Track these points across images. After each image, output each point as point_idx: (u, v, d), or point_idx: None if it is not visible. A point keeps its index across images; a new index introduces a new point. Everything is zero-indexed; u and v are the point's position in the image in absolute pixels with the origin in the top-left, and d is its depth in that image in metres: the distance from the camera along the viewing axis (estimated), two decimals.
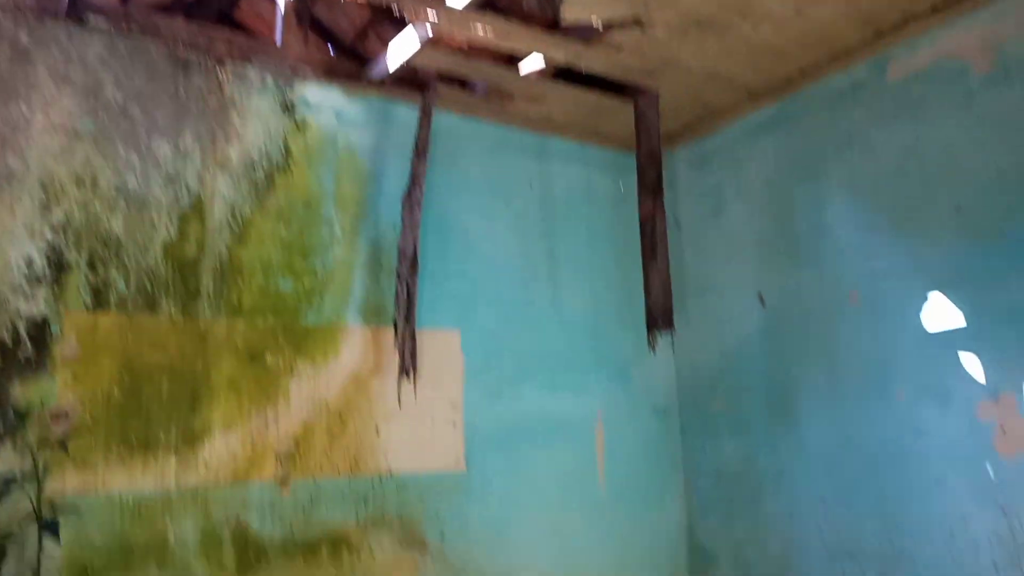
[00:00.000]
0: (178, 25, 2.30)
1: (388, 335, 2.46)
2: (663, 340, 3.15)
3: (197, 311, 2.16)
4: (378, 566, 2.33)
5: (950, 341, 2.36)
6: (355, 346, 2.40)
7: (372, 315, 2.46)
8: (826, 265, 2.75)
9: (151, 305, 2.10)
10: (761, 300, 2.95)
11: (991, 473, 2.22)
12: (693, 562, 3.12)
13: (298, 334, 2.30)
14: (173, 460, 2.04)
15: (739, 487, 2.97)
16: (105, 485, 1.95)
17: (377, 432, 2.40)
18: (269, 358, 2.24)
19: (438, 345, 2.59)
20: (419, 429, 2.49)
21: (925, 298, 2.43)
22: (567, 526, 2.81)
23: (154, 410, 2.04)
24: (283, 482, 2.20)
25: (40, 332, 1.95)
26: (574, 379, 2.95)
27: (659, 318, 2.61)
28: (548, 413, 2.85)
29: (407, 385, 2.43)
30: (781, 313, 2.90)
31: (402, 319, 2.35)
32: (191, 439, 2.08)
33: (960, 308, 2.34)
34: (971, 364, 2.30)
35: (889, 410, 2.50)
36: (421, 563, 2.42)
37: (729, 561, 2.99)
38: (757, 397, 2.94)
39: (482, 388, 2.68)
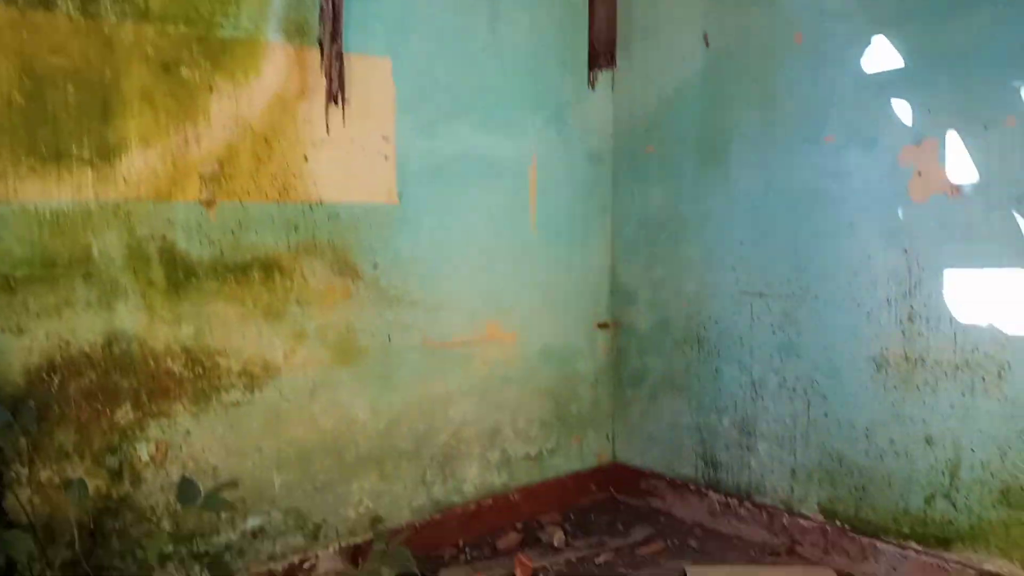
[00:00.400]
0: None
1: (313, 56, 2.36)
2: (603, 81, 3.15)
3: (99, 12, 1.99)
4: (311, 290, 2.44)
5: (886, 85, 2.44)
6: (278, 65, 2.30)
7: (295, 32, 2.33)
8: (775, 4, 2.72)
9: (45, 1, 1.92)
10: (705, 40, 2.93)
11: (901, 216, 2.42)
12: (613, 301, 3.40)
13: (214, 47, 2.18)
14: (89, 173, 1.99)
15: (662, 231, 3.17)
16: (18, 195, 1.91)
17: (305, 159, 2.38)
18: (184, 71, 2.12)
19: (367, 72, 2.51)
20: (349, 160, 2.49)
21: (869, 41, 2.47)
22: (498, 263, 2.97)
23: (62, 119, 1.95)
24: (209, 204, 2.21)
25: None
26: (510, 119, 2.95)
27: (601, 53, 2.58)
28: (482, 152, 2.87)
29: (335, 112, 2.39)
30: (724, 54, 2.91)
31: (328, 38, 2.24)
32: (106, 153, 2.02)
33: (900, 51, 2.40)
34: (902, 109, 2.40)
35: (817, 155, 2.64)
36: (354, 290, 2.55)
37: (647, 300, 3.27)
38: (690, 143, 3.04)
39: (414, 122, 2.66)
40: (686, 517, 3.11)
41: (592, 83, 3.13)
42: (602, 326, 3.37)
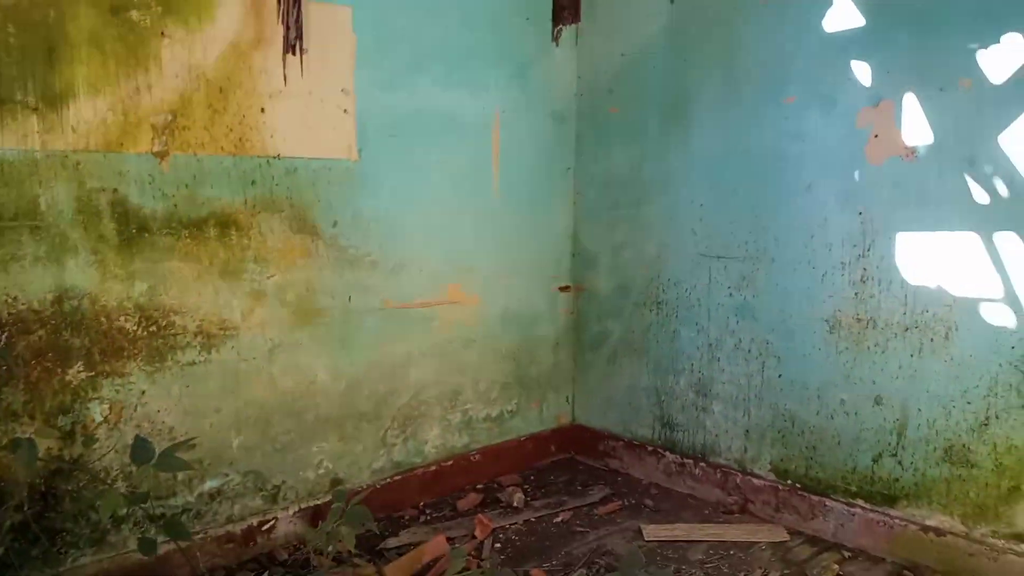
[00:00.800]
0: None
1: (270, 3, 2.30)
2: (567, 36, 3.15)
3: None
4: (269, 248, 2.42)
5: (846, 45, 2.50)
6: (232, 11, 2.24)
7: None
8: None
9: None
10: None
11: (857, 178, 2.50)
12: (575, 264, 3.45)
13: None
14: (35, 120, 1.92)
15: (624, 194, 3.21)
16: None
17: (262, 111, 2.34)
18: (134, 14, 2.06)
19: (327, 21, 2.46)
20: (308, 113, 2.45)
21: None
22: (460, 224, 2.98)
23: (3, 61, 1.86)
24: (161, 156, 2.15)
25: None
26: (473, 74, 2.94)
27: (565, 7, 2.58)
28: (445, 108, 2.86)
29: (293, 62, 2.35)
30: (689, 10, 2.93)
31: None
32: (53, 99, 1.95)
33: (861, 10, 2.45)
34: (861, 69, 2.46)
35: (777, 116, 2.69)
36: (314, 249, 2.53)
37: (607, 263, 3.32)
38: (653, 102, 3.07)
39: (375, 76, 2.62)
40: (643, 477, 3.21)
41: (556, 38, 3.13)
42: (563, 289, 3.41)
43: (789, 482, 2.76)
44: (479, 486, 3.11)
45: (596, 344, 3.39)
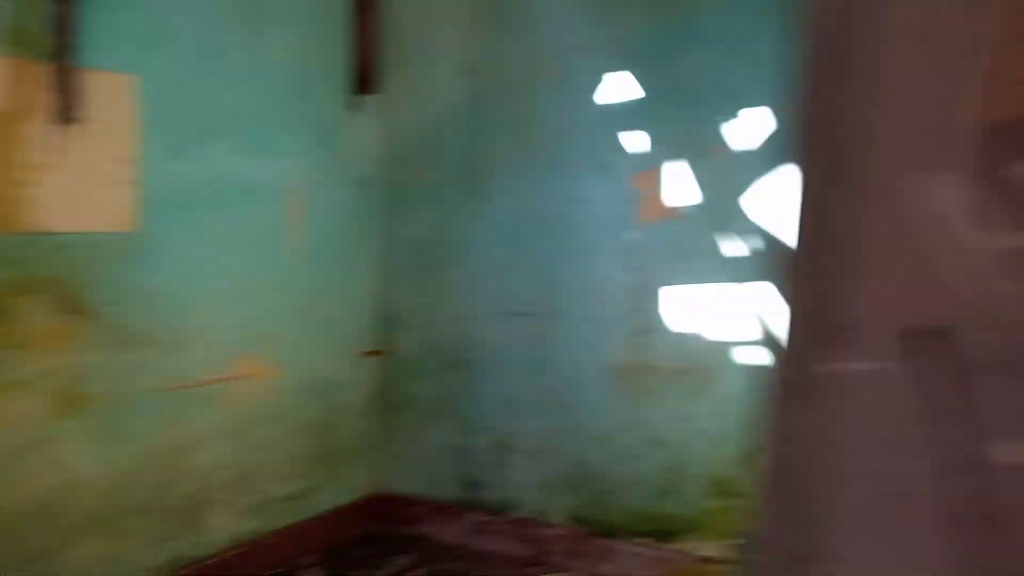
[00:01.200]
0: None
1: (43, 72, 2.14)
2: (369, 105, 3.23)
3: None
4: (29, 334, 2.18)
5: (622, 116, 2.81)
6: None
7: (20, 44, 2.10)
8: (528, 36, 3.00)
9: None
10: (467, 69, 3.13)
11: (632, 238, 2.81)
12: (383, 328, 3.43)
13: None
14: None
15: (429, 258, 3.30)
16: None
17: (29, 185, 2.12)
18: None
19: (108, 90, 2.30)
20: (84, 185, 2.26)
21: (609, 75, 2.82)
22: (255, 295, 2.87)
23: None
24: None
25: None
26: (272, 141, 2.89)
27: (365, 78, 2.65)
28: (241, 176, 2.78)
29: (68, 133, 2.19)
30: (484, 84, 3.12)
31: (59, 51, 2.07)
32: None
33: (635, 85, 2.78)
34: (634, 139, 2.79)
35: (564, 183, 2.95)
36: (85, 330, 2.32)
37: (415, 325, 3.36)
38: (454, 170, 3.21)
39: (162, 144, 2.49)
40: (449, 540, 3.22)
41: (357, 107, 3.19)
42: (370, 353, 3.40)
43: (584, 529, 2.93)
44: (277, 571, 2.98)
45: (403, 408, 3.38)
